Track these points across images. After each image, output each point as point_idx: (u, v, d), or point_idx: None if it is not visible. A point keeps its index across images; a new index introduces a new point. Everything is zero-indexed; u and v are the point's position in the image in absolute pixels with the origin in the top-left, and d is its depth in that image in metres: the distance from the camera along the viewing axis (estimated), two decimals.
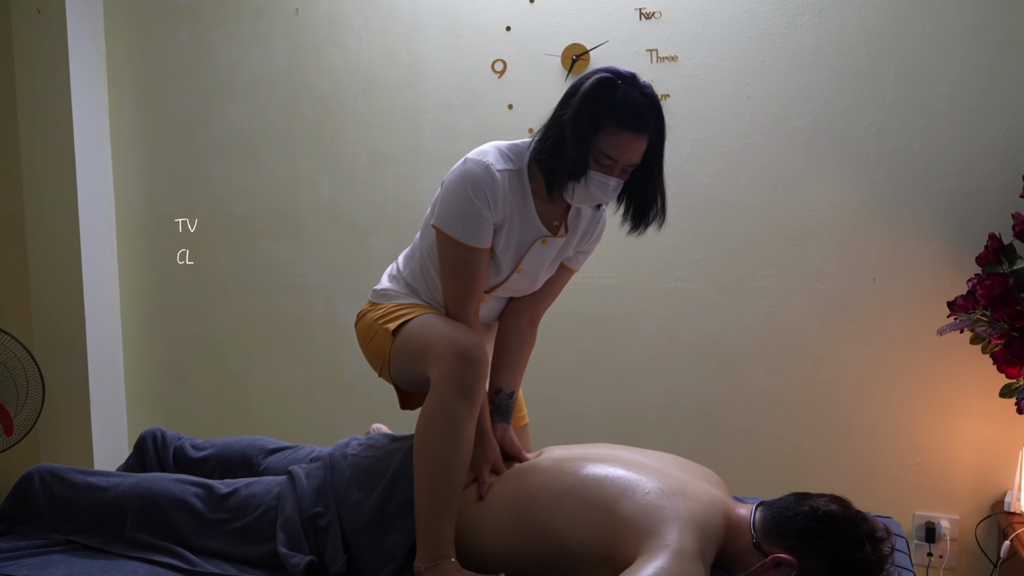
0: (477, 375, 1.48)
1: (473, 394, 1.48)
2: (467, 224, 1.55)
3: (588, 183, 1.51)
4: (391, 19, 2.68)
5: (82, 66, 2.83)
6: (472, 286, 1.58)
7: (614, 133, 1.47)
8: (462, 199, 1.55)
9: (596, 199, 1.55)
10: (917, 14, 2.26)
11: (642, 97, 1.48)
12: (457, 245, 1.56)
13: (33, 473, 1.73)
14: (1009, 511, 2.21)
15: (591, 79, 1.50)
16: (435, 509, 1.47)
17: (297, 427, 2.87)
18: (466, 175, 1.56)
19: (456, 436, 1.47)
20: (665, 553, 1.34)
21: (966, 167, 2.25)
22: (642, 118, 1.47)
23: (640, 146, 1.49)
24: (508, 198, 1.57)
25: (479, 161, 1.56)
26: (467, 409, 1.48)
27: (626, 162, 1.50)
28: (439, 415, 1.48)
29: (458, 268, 1.57)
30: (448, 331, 1.53)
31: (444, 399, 1.47)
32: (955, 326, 2.09)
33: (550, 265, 1.70)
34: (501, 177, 1.55)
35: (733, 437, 2.48)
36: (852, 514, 1.45)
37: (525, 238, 1.62)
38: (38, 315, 2.89)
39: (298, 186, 2.83)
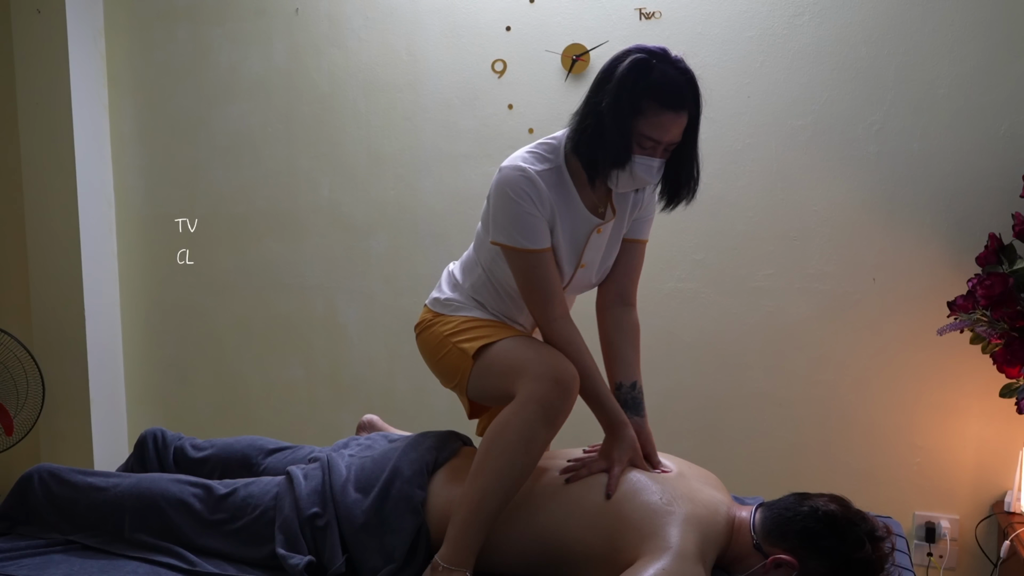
0: (566, 402, 1.46)
1: (556, 420, 1.47)
2: (522, 228, 1.52)
3: (633, 168, 1.48)
4: (391, 19, 2.68)
5: (82, 66, 2.83)
6: (549, 288, 1.56)
7: (655, 114, 1.44)
8: (508, 206, 1.52)
9: (641, 183, 1.52)
10: (917, 14, 2.26)
11: (678, 73, 1.46)
12: (521, 253, 1.54)
13: (33, 473, 1.73)
14: (1009, 511, 2.21)
15: (625, 62, 1.46)
16: (477, 514, 1.45)
17: (297, 427, 2.87)
18: (503, 182, 1.53)
19: (525, 454, 1.46)
20: (666, 554, 1.34)
21: (966, 167, 2.25)
22: (681, 95, 1.45)
23: (681, 123, 1.47)
24: (551, 197, 1.54)
25: (512, 166, 1.54)
26: (545, 433, 1.46)
27: (668, 142, 1.47)
28: (516, 429, 1.45)
29: (530, 275, 1.55)
30: (547, 355, 1.51)
31: (527, 416, 1.45)
32: (955, 326, 2.09)
33: (607, 250, 1.66)
34: (541, 176, 1.53)
35: (733, 437, 2.48)
36: (852, 513, 1.45)
37: (579, 232, 1.60)
38: (38, 315, 2.89)
39: (298, 186, 2.83)
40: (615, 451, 1.56)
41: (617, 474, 1.51)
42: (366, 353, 2.80)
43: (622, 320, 1.72)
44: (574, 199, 1.57)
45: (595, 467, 1.54)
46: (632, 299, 1.75)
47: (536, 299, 1.57)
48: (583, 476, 1.53)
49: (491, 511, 1.46)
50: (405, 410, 2.74)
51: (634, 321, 1.74)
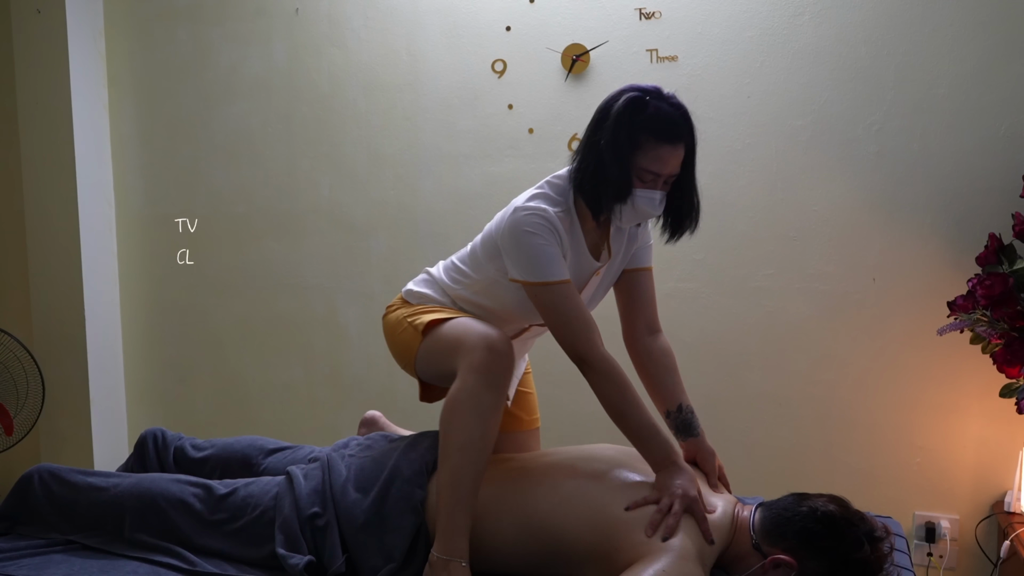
0: (502, 364, 1.48)
1: (498, 383, 1.48)
2: (547, 262, 1.54)
3: (635, 202, 1.53)
4: (391, 19, 2.68)
5: (82, 66, 2.83)
6: (584, 317, 1.56)
7: (653, 148, 1.49)
8: (529, 241, 1.54)
9: (644, 215, 1.56)
10: (917, 14, 2.26)
11: (672, 108, 1.51)
12: (547, 287, 1.54)
13: (32, 473, 1.73)
14: (1009, 511, 2.21)
15: (620, 100, 1.52)
16: (455, 495, 1.47)
17: (297, 427, 2.87)
18: (522, 223, 1.55)
19: (479, 423, 1.48)
20: (666, 554, 1.34)
21: (966, 167, 2.25)
22: (676, 128, 1.50)
23: (679, 155, 1.52)
24: (564, 237, 1.57)
25: (529, 208, 1.56)
26: (491, 398, 1.48)
27: (668, 174, 1.53)
28: (464, 400, 1.48)
29: (561, 307, 1.55)
30: (481, 326, 1.54)
31: (470, 387, 1.48)
32: (955, 326, 2.09)
33: (600, 287, 1.71)
34: (556, 218, 1.56)
35: (733, 437, 2.48)
36: (851, 514, 1.45)
37: (582, 275, 1.64)
38: (38, 315, 2.89)
39: (298, 186, 2.83)
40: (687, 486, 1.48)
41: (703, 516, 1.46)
42: (366, 353, 2.80)
43: (653, 349, 1.75)
44: (580, 242, 1.61)
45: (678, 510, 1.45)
46: (657, 325, 1.78)
47: (574, 330, 1.55)
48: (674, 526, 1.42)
49: (467, 489, 1.47)
50: (405, 410, 2.74)
51: (666, 347, 1.76)
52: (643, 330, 1.75)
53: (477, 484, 1.48)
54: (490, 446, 1.50)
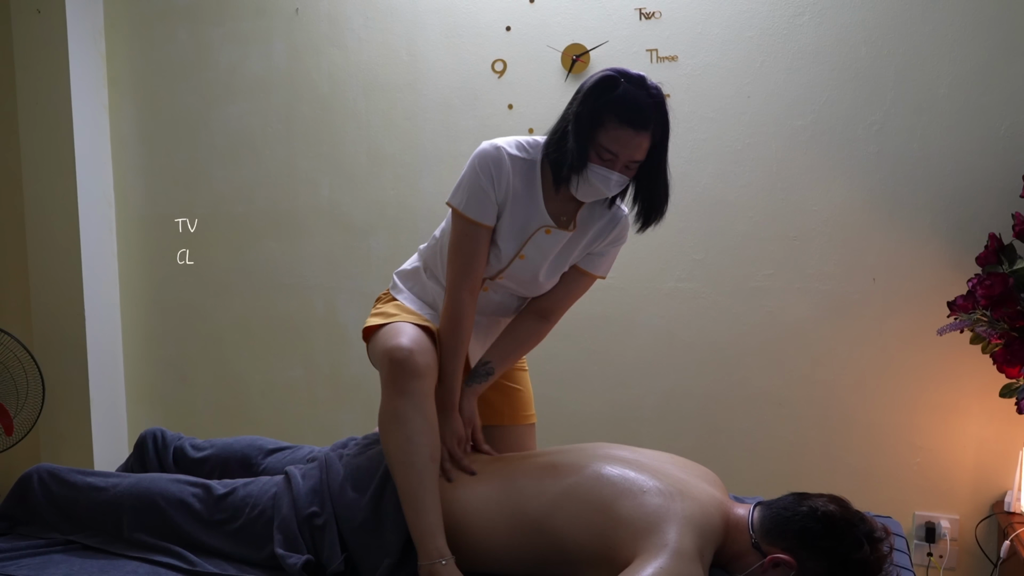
0: (406, 373, 1.54)
1: (408, 390, 1.54)
2: (470, 197, 1.63)
3: (589, 175, 1.55)
4: (391, 19, 2.68)
5: (82, 66, 2.83)
6: (470, 262, 1.64)
7: (614, 128, 1.51)
8: (469, 174, 1.64)
9: (598, 193, 1.58)
10: (917, 14, 2.26)
11: (646, 96, 1.52)
12: (461, 218, 1.63)
13: (32, 473, 1.73)
14: (1009, 511, 2.21)
15: (595, 76, 1.56)
16: (409, 503, 1.51)
17: (297, 427, 2.87)
18: (477, 153, 1.64)
19: (402, 428, 1.53)
20: (664, 553, 1.34)
21: (966, 167, 2.25)
22: (642, 115, 1.51)
23: (641, 143, 1.52)
24: (513, 181, 1.63)
25: (490, 142, 1.65)
26: (406, 404, 1.54)
27: (627, 158, 1.53)
28: (385, 416, 1.56)
29: (461, 241, 1.64)
30: (387, 339, 1.60)
31: (385, 400, 1.57)
32: (955, 326, 2.09)
33: (555, 259, 1.70)
34: (510, 160, 1.62)
35: (733, 437, 2.48)
36: (850, 514, 1.45)
37: (529, 225, 1.66)
38: (38, 315, 2.89)
39: (298, 186, 2.83)
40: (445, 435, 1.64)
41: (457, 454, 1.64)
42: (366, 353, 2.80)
43: (528, 322, 1.79)
44: (536, 194, 1.64)
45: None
46: (553, 316, 1.81)
47: (455, 266, 1.65)
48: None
49: (420, 491, 1.51)
50: None
51: (538, 331, 1.80)
52: (537, 309, 1.79)
53: (426, 485, 1.52)
54: (426, 445, 1.54)
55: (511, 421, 1.88)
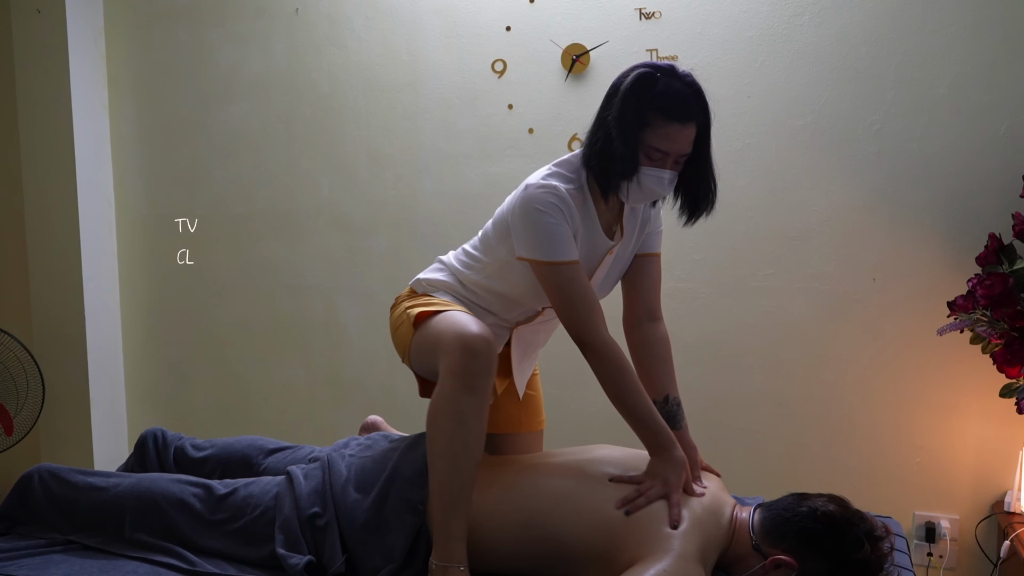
0: (480, 366, 1.45)
1: (477, 385, 1.45)
2: (555, 241, 1.52)
3: (641, 180, 1.50)
4: (391, 19, 2.68)
5: (82, 66, 2.83)
6: (589, 300, 1.54)
7: (662, 126, 1.46)
8: (538, 220, 1.52)
9: (652, 195, 1.54)
10: (917, 14, 2.26)
11: (684, 86, 1.47)
12: (554, 267, 1.52)
13: (32, 473, 1.73)
14: (1009, 511, 2.21)
15: (630, 76, 1.49)
16: (445, 502, 1.46)
17: (297, 427, 2.87)
18: (532, 199, 1.53)
19: (461, 428, 1.46)
20: (667, 555, 1.34)
21: (966, 167, 2.25)
22: (687, 107, 1.46)
23: (689, 135, 1.48)
24: (576, 215, 1.55)
25: (540, 184, 1.54)
26: (472, 401, 1.45)
27: (677, 153, 1.49)
28: (444, 408, 1.47)
29: (568, 289, 1.53)
30: (460, 324, 1.50)
31: (448, 392, 1.46)
32: (955, 326, 2.09)
33: (613, 268, 1.67)
34: (569, 195, 1.54)
35: (733, 437, 2.48)
36: (851, 514, 1.45)
37: (595, 253, 1.61)
38: (38, 315, 2.89)
39: (298, 186, 2.83)
40: (670, 475, 1.50)
41: (677, 502, 1.46)
42: (366, 353, 2.81)
43: (651, 336, 1.71)
44: (594, 220, 1.59)
45: (653, 495, 1.47)
46: (658, 312, 1.74)
47: (578, 313, 1.54)
48: (642, 506, 1.46)
49: (456, 496, 1.46)
50: (405, 410, 2.74)
51: (663, 335, 1.73)
52: (643, 315, 1.72)
53: (468, 489, 1.47)
54: (476, 450, 1.48)
55: (527, 428, 1.85)
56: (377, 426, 2.06)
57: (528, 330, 1.76)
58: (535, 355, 1.85)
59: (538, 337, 1.81)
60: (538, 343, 1.82)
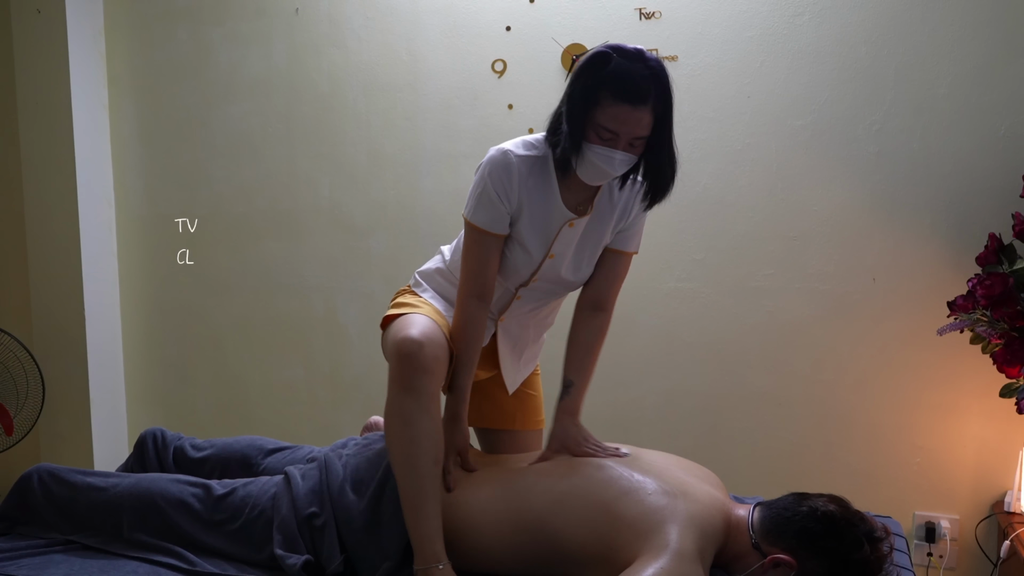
0: (412, 366, 1.49)
1: (414, 384, 1.49)
2: (480, 207, 1.60)
3: (587, 157, 1.49)
4: (391, 19, 2.68)
5: (82, 66, 2.83)
6: (482, 269, 1.61)
7: (610, 105, 1.44)
8: (480, 184, 1.60)
9: (604, 174, 1.52)
10: (917, 14, 2.26)
11: (642, 68, 1.44)
12: (472, 228, 1.61)
13: (32, 473, 1.73)
14: (1009, 511, 2.21)
15: (587, 54, 1.49)
16: (412, 505, 1.49)
17: (297, 427, 2.87)
18: (487, 161, 1.60)
19: (407, 430, 1.50)
20: (665, 554, 1.34)
21: (966, 167, 2.25)
22: (638, 89, 1.43)
23: (642, 118, 1.45)
24: (527, 183, 1.58)
25: (498, 148, 1.60)
26: (414, 403, 1.49)
27: (629, 135, 1.46)
28: (391, 415, 1.52)
29: (472, 250, 1.62)
30: (398, 330, 1.55)
31: (391, 398, 1.52)
32: (955, 326, 2.09)
33: (580, 248, 1.67)
34: (518, 162, 1.57)
35: (733, 437, 2.48)
36: (851, 514, 1.45)
37: (551, 223, 1.62)
38: (38, 315, 2.89)
39: (298, 186, 2.83)
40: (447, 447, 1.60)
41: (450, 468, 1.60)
42: (366, 353, 2.80)
43: (587, 322, 1.75)
44: (553, 191, 1.60)
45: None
46: (606, 305, 1.76)
47: (466, 273, 1.63)
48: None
49: (422, 495, 1.48)
50: None
51: (598, 325, 1.75)
52: (590, 303, 1.75)
53: (431, 487, 1.49)
54: (430, 447, 1.50)
55: (522, 426, 1.87)
56: (380, 426, 2.06)
57: (515, 323, 1.77)
58: (533, 353, 1.86)
59: (527, 332, 1.81)
60: (528, 338, 1.82)
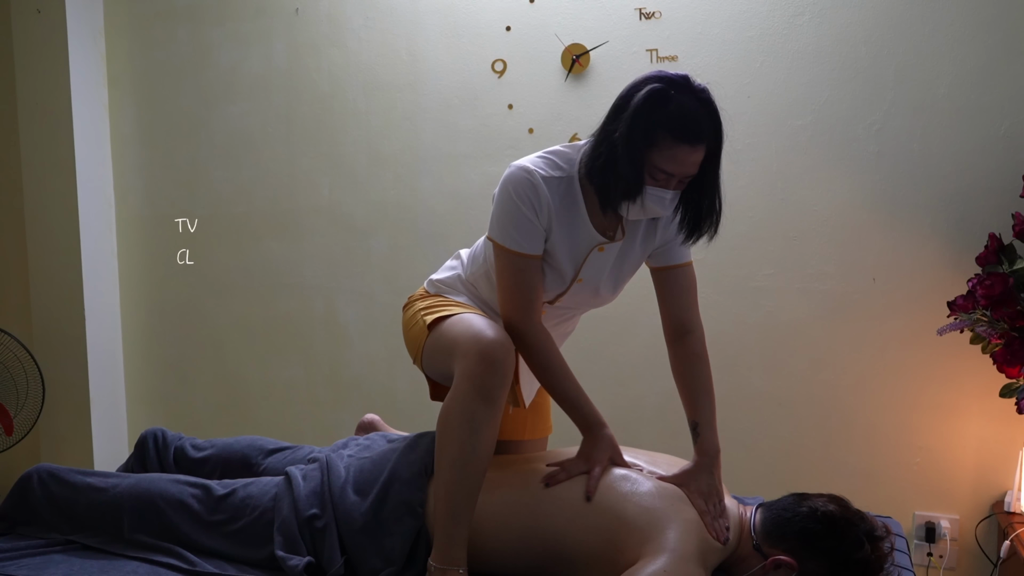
0: (496, 375, 1.42)
1: (492, 394, 1.43)
2: (516, 230, 1.51)
3: (644, 200, 1.44)
4: (391, 19, 2.68)
5: (82, 66, 2.83)
6: (530, 294, 1.54)
7: (670, 148, 1.39)
8: (507, 205, 1.51)
9: (653, 213, 1.49)
10: (917, 14, 2.26)
11: (697, 104, 1.40)
12: (509, 253, 1.52)
13: (32, 473, 1.73)
14: (1009, 511, 2.21)
15: (642, 92, 1.41)
16: (449, 508, 1.44)
17: (297, 427, 2.87)
18: (508, 180, 1.51)
19: (472, 436, 1.43)
20: (666, 555, 1.34)
21: (966, 167, 2.25)
22: (698, 128, 1.39)
23: (697, 157, 1.41)
24: (553, 205, 1.51)
25: (520, 166, 1.52)
26: (485, 409, 1.43)
27: (683, 175, 1.43)
28: (457, 414, 1.44)
29: (515, 277, 1.53)
30: (477, 329, 1.47)
31: (462, 398, 1.43)
32: (955, 326, 2.09)
33: (612, 271, 1.62)
34: (546, 183, 1.50)
35: (733, 437, 2.47)
36: (851, 514, 1.45)
37: (580, 247, 1.56)
38: (38, 315, 2.89)
39: (298, 186, 2.83)
40: (594, 452, 1.55)
41: (597, 475, 1.50)
42: (366, 353, 2.80)
43: (684, 352, 1.69)
44: (581, 213, 1.54)
45: (575, 470, 1.53)
46: (691, 324, 1.69)
47: (515, 303, 1.55)
48: (562, 480, 1.52)
49: (462, 502, 1.44)
50: (405, 410, 2.74)
51: (694, 352, 1.68)
52: (672, 331, 1.70)
53: (473, 496, 1.46)
54: (486, 459, 1.46)
55: (531, 435, 1.85)
56: (375, 425, 2.06)
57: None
58: None
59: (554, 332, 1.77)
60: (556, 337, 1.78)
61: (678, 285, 1.67)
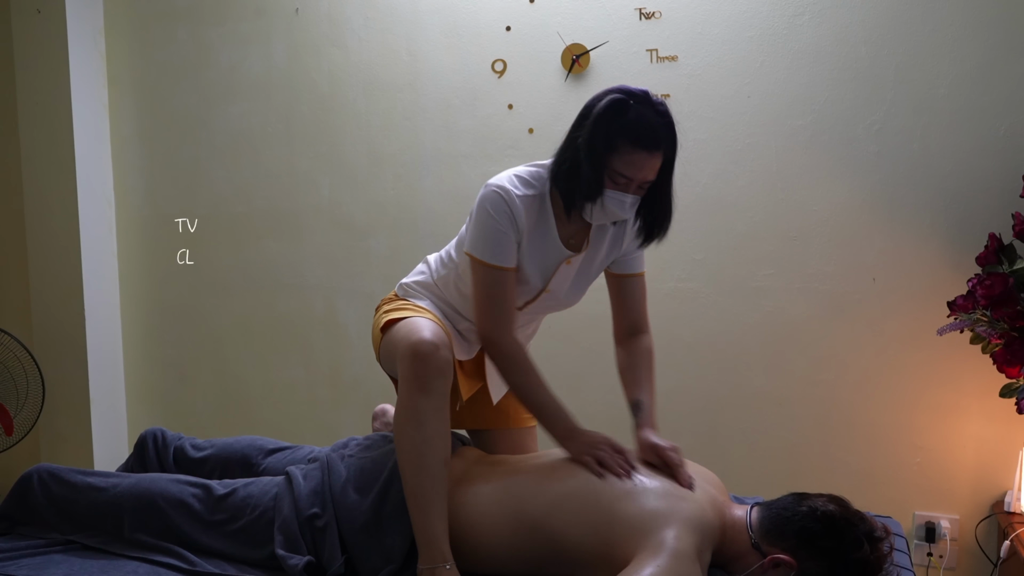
0: (429, 366, 1.49)
1: (430, 385, 1.50)
2: (492, 244, 1.59)
3: (604, 202, 1.54)
4: (391, 19, 2.68)
5: (82, 66, 2.83)
6: (505, 306, 1.62)
7: (628, 153, 1.49)
8: (485, 220, 1.59)
9: (613, 216, 1.58)
10: (917, 14, 2.26)
11: (655, 116, 1.50)
12: (486, 267, 1.60)
13: (32, 473, 1.73)
14: (1009, 511, 2.21)
15: (603, 101, 1.53)
16: (419, 505, 1.48)
17: (297, 427, 2.87)
18: (485, 199, 1.60)
19: (420, 429, 1.49)
20: (662, 553, 1.34)
21: (966, 167, 2.25)
22: (655, 136, 1.49)
23: (654, 163, 1.52)
24: (527, 222, 1.60)
25: (496, 185, 1.60)
26: (428, 401, 1.49)
27: (641, 179, 1.53)
28: (402, 413, 1.51)
29: (490, 290, 1.61)
30: (412, 331, 1.55)
31: (405, 397, 1.51)
32: (955, 326, 2.09)
33: (576, 279, 1.72)
34: (519, 201, 1.59)
35: (733, 437, 2.48)
36: (850, 514, 1.45)
37: (549, 261, 1.66)
38: (38, 315, 2.89)
39: (298, 186, 2.83)
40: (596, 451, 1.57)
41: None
42: (366, 353, 2.80)
43: (631, 348, 1.80)
44: (551, 228, 1.63)
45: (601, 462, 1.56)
46: (643, 326, 1.81)
47: (490, 315, 1.62)
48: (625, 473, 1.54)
49: (430, 495, 1.48)
50: None
51: (643, 347, 1.80)
52: (627, 331, 1.81)
53: (440, 487, 1.49)
54: (441, 448, 1.51)
55: (516, 424, 1.88)
56: (387, 413, 2.09)
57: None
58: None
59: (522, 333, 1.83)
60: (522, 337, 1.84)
61: (636, 291, 1.79)
